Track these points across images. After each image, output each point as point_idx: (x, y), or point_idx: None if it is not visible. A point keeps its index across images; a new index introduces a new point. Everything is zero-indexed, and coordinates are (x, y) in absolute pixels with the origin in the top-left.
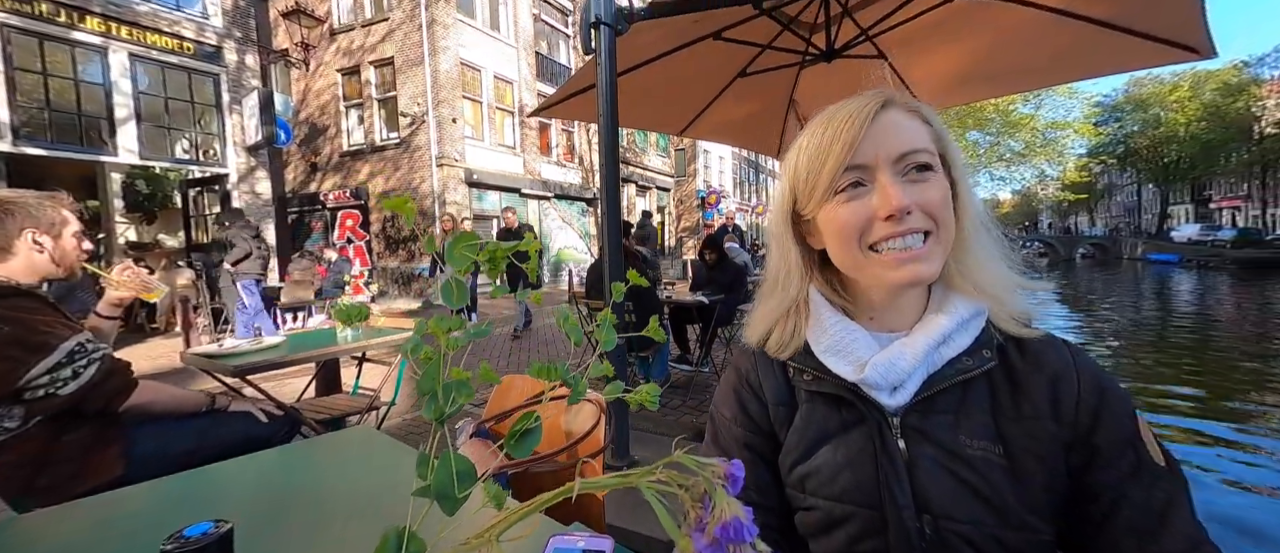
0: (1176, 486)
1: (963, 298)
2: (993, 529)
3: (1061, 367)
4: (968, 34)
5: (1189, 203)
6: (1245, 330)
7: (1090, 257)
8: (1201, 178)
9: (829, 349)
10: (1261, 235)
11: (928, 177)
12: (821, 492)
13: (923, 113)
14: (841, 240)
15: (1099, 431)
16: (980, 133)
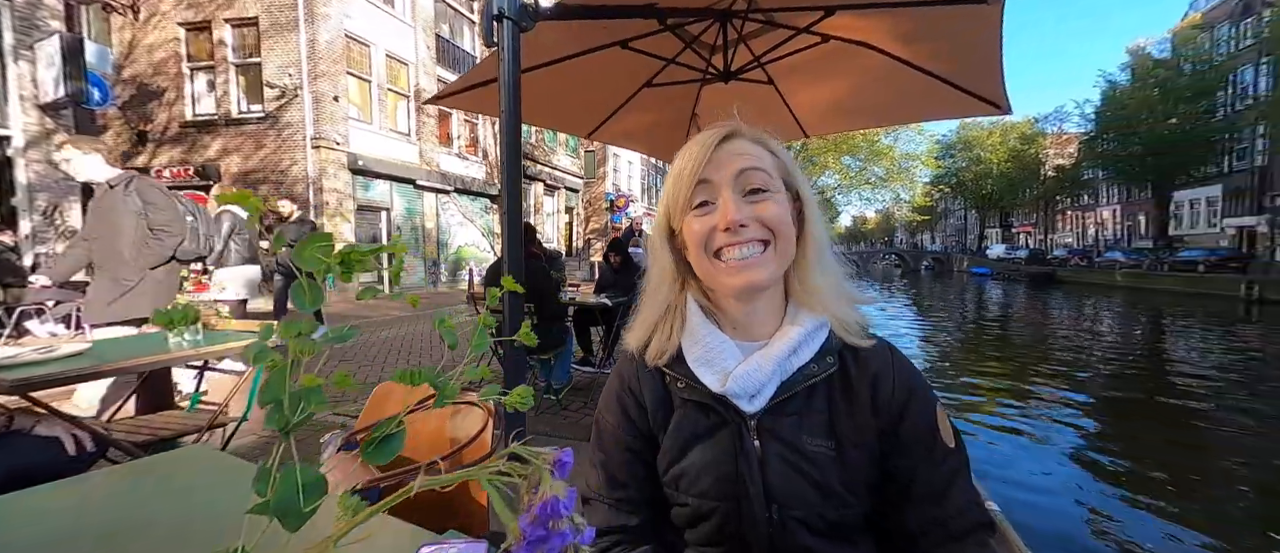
0: (959, 461)
1: (810, 313)
2: (820, 510)
3: (882, 368)
4: (839, 72)
5: (999, 227)
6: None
7: (931, 268)
8: (1007, 207)
9: (699, 360)
10: (1043, 255)
11: (765, 196)
12: (691, 489)
13: (767, 143)
14: (694, 249)
15: (904, 422)
16: (852, 158)
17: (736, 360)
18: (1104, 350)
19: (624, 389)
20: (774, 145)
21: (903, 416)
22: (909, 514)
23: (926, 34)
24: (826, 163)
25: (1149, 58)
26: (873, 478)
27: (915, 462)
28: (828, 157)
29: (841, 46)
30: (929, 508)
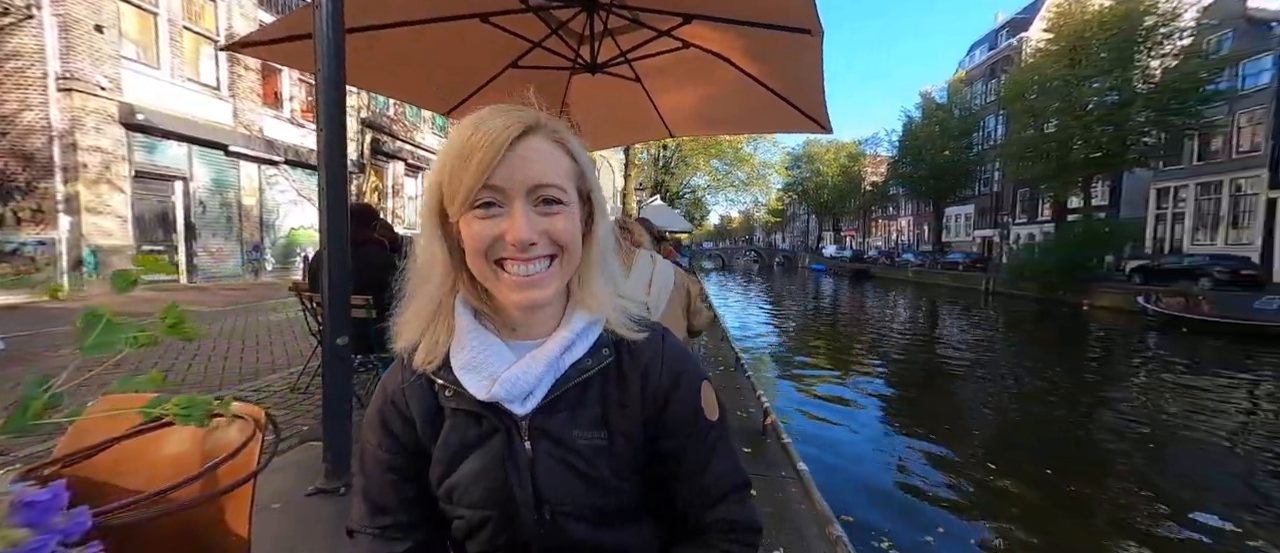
0: (721, 432)
1: (586, 311)
2: (592, 501)
3: (651, 358)
4: (700, 79)
5: (832, 231)
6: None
7: (782, 265)
8: (838, 214)
9: (466, 366)
10: (862, 255)
11: (559, 209)
12: (464, 501)
13: (567, 144)
14: (473, 252)
15: (670, 406)
16: (720, 162)
17: (507, 363)
18: (899, 328)
19: (387, 404)
20: (573, 146)
21: (669, 399)
22: (677, 490)
23: (768, 55)
24: (698, 164)
25: (933, 101)
26: (643, 463)
27: (682, 441)
28: (699, 158)
29: (701, 55)
30: (693, 480)
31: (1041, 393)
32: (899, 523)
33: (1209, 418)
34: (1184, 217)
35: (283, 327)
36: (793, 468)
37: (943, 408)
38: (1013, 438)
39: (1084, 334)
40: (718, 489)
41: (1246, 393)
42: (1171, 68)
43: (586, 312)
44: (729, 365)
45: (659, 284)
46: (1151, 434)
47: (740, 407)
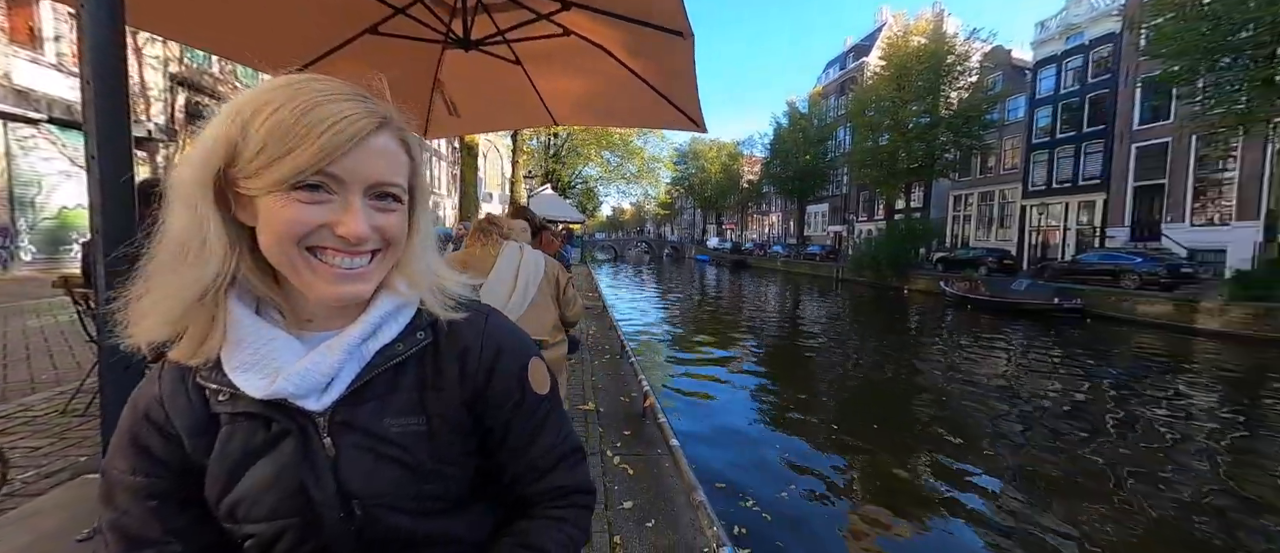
0: (550, 405)
1: (393, 294)
2: (413, 490)
3: (472, 338)
4: (584, 69)
5: (715, 224)
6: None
7: (671, 255)
8: (720, 209)
9: (242, 365)
10: (740, 247)
11: (393, 207)
12: (252, 516)
13: (410, 145)
14: (280, 236)
15: (492, 383)
16: (612, 154)
17: (295, 356)
18: (769, 312)
19: (141, 421)
20: (414, 147)
21: (491, 376)
22: (507, 466)
23: (647, 52)
24: (590, 155)
25: (797, 110)
26: (470, 444)
27: (507, 416)
28: (591, 149)
29: (583, 45)
30: (522, 455)
31: (873, 362)
32: (761, 482)
33: (983, 370)
34: (971, 218)
35: (49, 333)
36: (666, 445)
37: (800, 379)
38: (852, 400)
39: (904, 313)
40: (547, 460)
41: (1004, 351)
42: (964, 99)
43: (395, 295)
44: (615, 353)
45: (526, 275)
46: (946, 387)
47: (624, 392)
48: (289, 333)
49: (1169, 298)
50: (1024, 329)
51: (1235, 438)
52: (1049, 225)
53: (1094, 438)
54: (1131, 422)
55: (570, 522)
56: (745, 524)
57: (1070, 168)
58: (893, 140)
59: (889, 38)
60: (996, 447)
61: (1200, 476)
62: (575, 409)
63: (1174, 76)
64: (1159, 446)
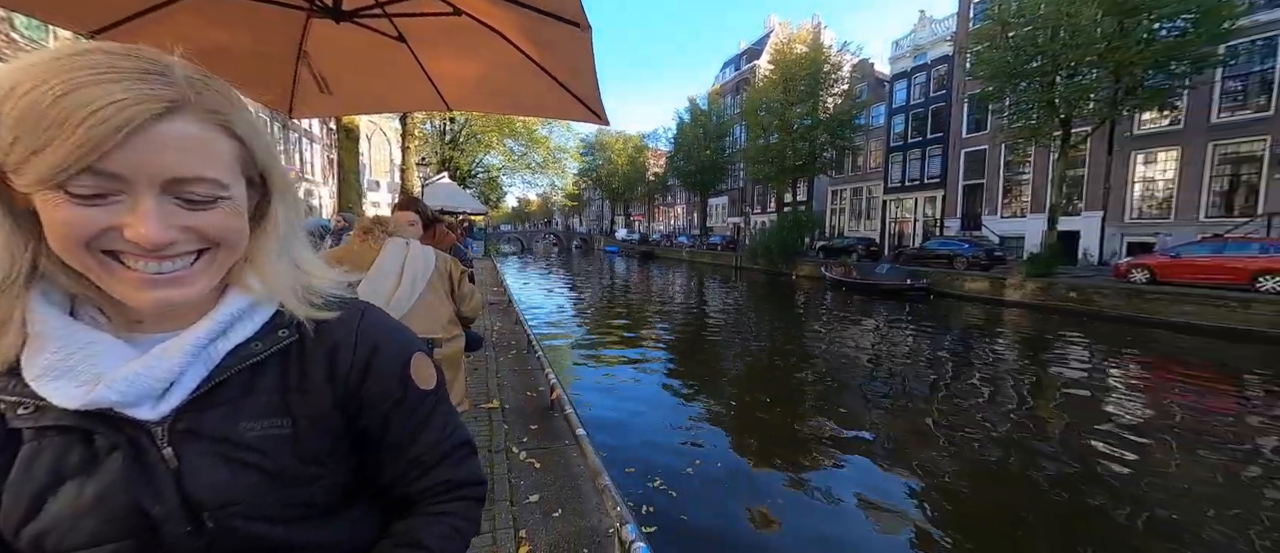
0: (435, 400)
1: (247, 292)
2: (274, 495)
3: (344, 335)
4: (479, 52)
5: (623, 215)
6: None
7: (580, 247)
8: (628, 200)
9: (48, 372)
10: (648, 238)
11: (213, 203)
12: (68, 545)
13: (231, 125)
14: (58, 242)
15: (368, 381)
16: (516, 142)
17: (121, 361)
18: (675, 300)
19: None
20: (241, 126)
21: (366, 374)
22: (388, 466)
23: (546, 40)
24: (492, 143)
25: (698, 107)
26: (344, 446)
27: (386, 413)
28: (492, 137)
29: (477, 27)
30: (404, 453)
31: (767, 341)
32: (669, 461)
33: (855, 343)
34: (845, 211)
35: None
36: (573, 435)
37: (704, 362)
38: (749, 377)
39: (793, 296)
40: (433, 455)
41: (871, 326)
42: (838, 105)
43: (247, 293)
44: (521, 348)
45: (413, 270)
46: (827, 359)
47: (531, 387)
48: (115, 335)
49: (986, 276)
50: (886, 307)
51: (1029, 380)
52: (904, 217)
53: (935, 391)
54: (962, 375)
55: (456, 515)
56: (654, 503)
57: (918, 168)
58: (781, 139)
59: (776, 44)
60: (866, 407)
61: (1007, 410)
62: (479, 408)
63: (988, 95)
64: (980, 391)
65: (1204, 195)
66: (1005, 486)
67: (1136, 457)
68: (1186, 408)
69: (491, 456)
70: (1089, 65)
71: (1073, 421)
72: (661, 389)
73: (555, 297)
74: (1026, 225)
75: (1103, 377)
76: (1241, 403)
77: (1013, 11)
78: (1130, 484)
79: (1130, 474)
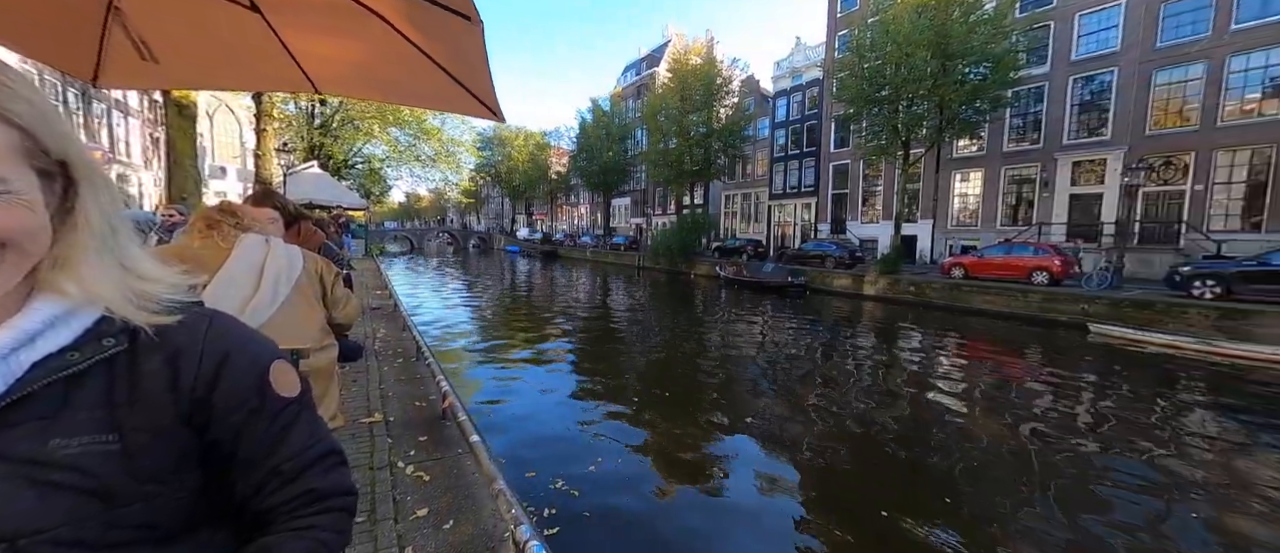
0: (299, 409)
1: (58, 297)
2: (97, 516)
3: (186, 342)
4: (353, 32)
5: (525, 214)
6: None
7: (478, 246)
8: (530, 198)
9: None
10: (551, 237)
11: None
12: None
13: (7, 112)
14: None
15: (218, 392)
16: (402, 132)
17: None
18: (579, 300)
19: None
20: (19, 110)
21: (216, 384)
22: (241, 479)
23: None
24: (373, 131)
25: (600, 108)
26: (188, 461)
27: (240, 425)
28: (374, 124)
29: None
30: (263, 464)
31: (666, 338)
32: (572, 462)
33: (745, 336)
34: (737, 214)
35: None
36: (467, 442)
37: (607, 361)
38: (650, 373)
39: (691, 294)
40: (294, 466)
41: (759, 320)
42: (729, 115)
43: (59, 298)
44: (410, 355)
45: (274, 272)
46: (722, 352)
47: (419, 396)
48: None
49: (850, 274)
50: (771, 301)
51: (880, 360)
52: (786, 221)
53: (810, 374)
54: (830, 359)
55: (322, 527)
56: (556, 504)
57: (797, 177)
58: (679, 145)
59: (674, 53)
60: (754, 392)
61: (864, 386)
62: (358, 423)
63: (849, 117)
64: (844, 372)
65: (999, 208)
66: (864, 447)
67: (952, 417)
68: (986, 377)
69: (373, 473)
70: (921, 98)
71: (911, 392)
72: (565, 390)
73: (450, 300)
74: (880, 230)
75: (931, 356)
76: (1022, 372)
77: (867, 46)
78: (949, 438)
79: (949, 431)
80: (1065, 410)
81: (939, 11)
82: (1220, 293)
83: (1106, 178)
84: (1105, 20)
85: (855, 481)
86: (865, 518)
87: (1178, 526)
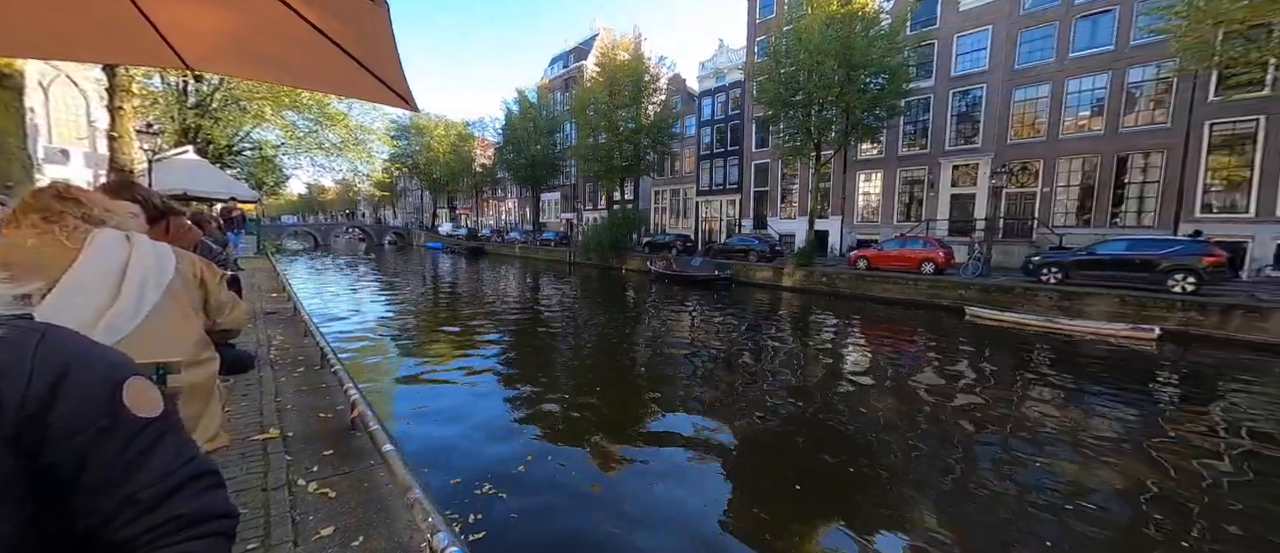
0: (162, 429)
1: None
2: None
3: (10, 361)
4: (244, 9)
5: (448, 208)
6: (470, 283)
7: (394, 243)
8: (453, 191)
9: None
10: (476, 233)
11: None
12: None
13: None
14: None
15: (55, 411)
16: (300, 116)
17: None
18: (509, 297)
19: None
20: None
21: (51, 403)
22: (87, 509)
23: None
24: (264, 114)
25: (527, 100)
26: (16, 492)
27: (84, 446)
28: (266, 106)
29: None
30: (116, 491)
31: (598, 333)
32: (500, 464)
33: (675, 328)
34: (666, 209)
35: None
36: (379, 452)
37: (538, 359)
38: (582, 370)
39: (623, 289)
40: (156, 493)
41: (688, 312)
42: (658, 112)
43: None
44: (312, 364)
45: (139, 275)
46: (653, 346)
47: (324, 407)
48: None
49: (771, 267)
50: (699, 294)
51: (796, 347)
52: (712, 216)
53: (737, 364)
54: (753, 346)
55: None
56: (482, 509)
57: (722, 175)
58: (609, 140)
59: (602, 48)
60: (683, 383)
61: (782, 369)
62: (249, 441)
63: (769, 119)
64: (765, 357)
65: (896, 205)
66: (782, 428)
67: (857, 394)
68: (885, 357)
69: (267, 494)
70: (830, 104)
71: (821, 374)
72: (494, 392)
73: (363, 301)
74: (797, 225)
75: (840, 340)
76: (913, 350)
77: (783, 53)
78: (854, 412)
79: (853, 406)
80: (947, 382)
81: (844, 25)
82: (1061, 278)
83: (979, 180)
84: (977, 42)
85: (774, 458)
86: (782, 493)
87: (1028, 475)
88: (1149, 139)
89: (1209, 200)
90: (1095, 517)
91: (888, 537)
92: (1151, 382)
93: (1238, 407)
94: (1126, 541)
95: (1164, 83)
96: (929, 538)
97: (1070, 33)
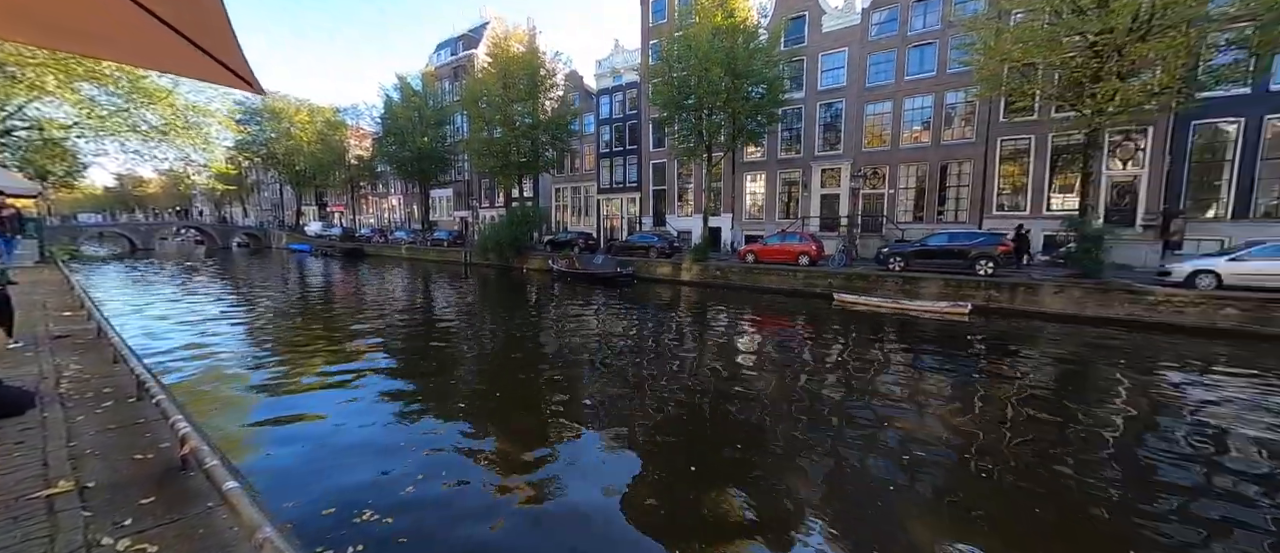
0: None
1: None
2: None
3: None
4: None
5: (315, 205)
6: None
7: (245, 245)
8: (321, 186)
9: None
10: (354, 233)
11: None
12: None
13: None
14: None
15: None
16: (102, 90)
17: None
18: (396, 304)
19: None
20: None
21: None
22: None
23: None
24: (45, 84)
25: (410, 86)
26: None
27: None
28: (47, 74)
29: None
30: None
31: (499, 337)
32: (384, 489)
33: (580, 327)
34: (568, 207)
35: None
36: (219, 492)
37: (430, 369)
38: (481, 377)
39: (524, 289)
40: None
41: (593, 311)
42: (556, 108)
43: None
44: (124, 396)
45: None
46: (558, 347)
47: (140, 448)
48: None
49: (670, 263)
50: (603, 292)
51: (694, 336)
52: (614, 214)
53: (642, 357)
54: (655, 340)
55: None
56: (361, 539)
57: (622, 173)
58: (505, 135)
59: (494, 37)
60: (588, 383)
61: (682, 359)
62: (25, 500)
63: (664, 121)
64: (666, 350)
65: (777, 204)
66: (684, 412)
67: (745, 377)
68: (769, 341)
69: None
70: (718, 109)
71: (715, 362)
72: (375, 409)
73: (200, 318)
74: (693, 223)
75: (731, 329)
76: (792, 334)
77: (674, 57)
78: (748, 394)
79: (748, 388)
80: (818, 362)
81: (729, 36)
82: (904, 266)
83: (842, 182)
84: (837, 61)
85: (673, 447)
86: (682, 479)
87: (884, 434)
88: (962, 151)
89: (1001, 201)
90: (931, 462)
91: (774, 500)
92: (967, 348)
93: (1022, 361)
94: (954, 474)
95: (970, 105)
96: (808, 499)
97: (905, 59)
